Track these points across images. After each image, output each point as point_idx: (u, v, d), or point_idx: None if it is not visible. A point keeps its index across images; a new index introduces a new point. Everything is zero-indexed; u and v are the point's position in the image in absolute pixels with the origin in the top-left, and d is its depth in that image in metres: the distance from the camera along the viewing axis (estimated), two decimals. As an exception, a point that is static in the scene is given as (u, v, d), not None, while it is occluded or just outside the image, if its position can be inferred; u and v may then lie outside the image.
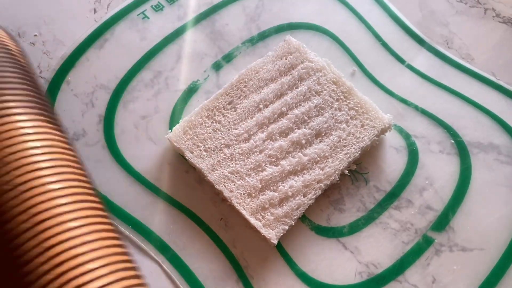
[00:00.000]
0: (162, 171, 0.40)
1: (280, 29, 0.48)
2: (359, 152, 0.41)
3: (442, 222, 0.40)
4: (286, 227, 0.37)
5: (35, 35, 0.45)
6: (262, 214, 0.37)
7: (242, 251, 0.37)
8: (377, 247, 0.38)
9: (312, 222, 0.39)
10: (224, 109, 0.41)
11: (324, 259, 0.38)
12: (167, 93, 0.43)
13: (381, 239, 0.39)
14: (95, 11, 0.47)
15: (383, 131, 0.42)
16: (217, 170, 0.38)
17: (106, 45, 0.45)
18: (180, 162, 0.40)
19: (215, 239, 0.38)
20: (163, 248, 0.37)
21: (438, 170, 0.42)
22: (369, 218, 0.39)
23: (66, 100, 0.42)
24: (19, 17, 0.45)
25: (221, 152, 0.39)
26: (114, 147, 0.40)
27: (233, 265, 0.37)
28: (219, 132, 0.40)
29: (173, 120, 0.42)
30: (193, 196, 0.39)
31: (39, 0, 0.46)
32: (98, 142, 0.40)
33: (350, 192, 0.40)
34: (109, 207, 0.38)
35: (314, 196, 0.39)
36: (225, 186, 0.38)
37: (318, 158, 0.40)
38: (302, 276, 0.37)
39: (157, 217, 0.38)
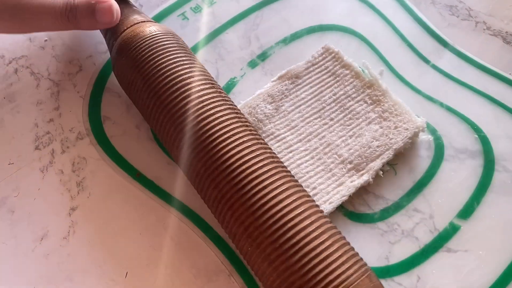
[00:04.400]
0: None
1: (311, 30, 0.60)
2: (393, 154, 0.50)
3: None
4: None
5: (45, 40, 0.58)
6: None
7: None
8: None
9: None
10: (265, 108, 0.53)
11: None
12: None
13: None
14: (103, 17, 0.59)
15: (416, 134, 0.51)
16: None
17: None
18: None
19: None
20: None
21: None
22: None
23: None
24: (31, 22, 0.59)
25: None
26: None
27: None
28: (260, 131, 0.51)
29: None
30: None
31: (50, 8, 0.60)
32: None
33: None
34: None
35: (347, 193, 0.48)
36: None
37: (352, 158, 0.50)
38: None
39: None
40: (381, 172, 0.50)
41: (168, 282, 0.45)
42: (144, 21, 0.49)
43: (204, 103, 0.42)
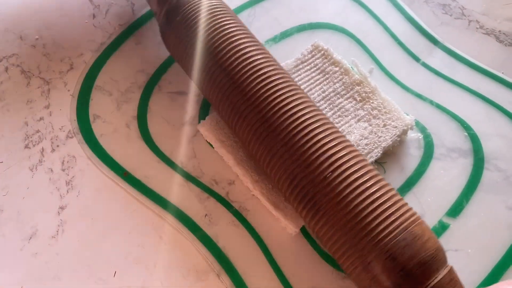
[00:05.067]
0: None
1: (302, 29, 0.60)
2: (381, 152, 0.50)
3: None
4: None
5: (36, 38, 0.57)
6: (284, 204, 0.46)
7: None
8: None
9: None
10: None
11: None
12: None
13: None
14: (94, 16, 0.59)
15: (405, 132, 0.51)
16: (244, 161, 0.49)
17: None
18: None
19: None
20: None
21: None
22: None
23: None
24: (21, 20, 0.58)
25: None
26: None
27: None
28: None
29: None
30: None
31: (41, 5, 0.60)
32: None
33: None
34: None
35: None
36: (251, 177, 0.48)
37: None
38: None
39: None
40: None
41: (157, 282, 0.44)
42: None
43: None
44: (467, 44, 0.59)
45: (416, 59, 0.57)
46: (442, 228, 0.47)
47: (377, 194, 0.38)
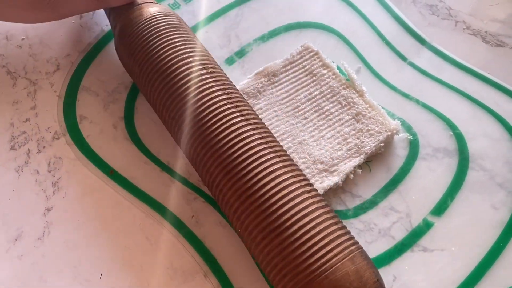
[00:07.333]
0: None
1: (289, 28, 0.60)
2: (364, 158, 0.49)
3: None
4: None
5: (23, 39, 0.57)
6: None
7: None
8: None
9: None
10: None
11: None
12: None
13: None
14: (81, 17, 0.59)
15: (389, 137, 0.51)
16: None
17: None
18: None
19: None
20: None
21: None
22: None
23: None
24: (7, 21, 0.58)
25: None
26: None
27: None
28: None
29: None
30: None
31: (27, 6, 0.59)
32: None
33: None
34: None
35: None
36: None
37: (323, 159, 0.49)
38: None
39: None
40: (352, 176, 0.49)
41: (144, 283, 0.44)
42: (143, 3, 0.49)
43: (202, 90, 0.43)
44: (454, 45, 0.59)
45: (403, 58, 0.57)
46: (426, 226, 0.47)
47: (298, 234, 0.36)
